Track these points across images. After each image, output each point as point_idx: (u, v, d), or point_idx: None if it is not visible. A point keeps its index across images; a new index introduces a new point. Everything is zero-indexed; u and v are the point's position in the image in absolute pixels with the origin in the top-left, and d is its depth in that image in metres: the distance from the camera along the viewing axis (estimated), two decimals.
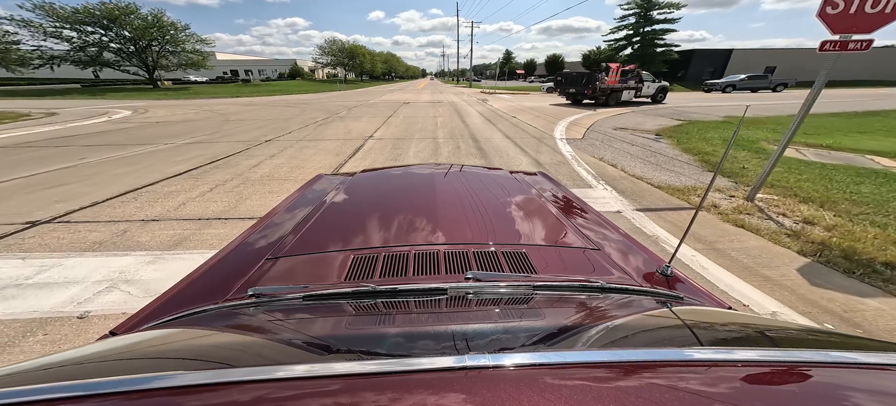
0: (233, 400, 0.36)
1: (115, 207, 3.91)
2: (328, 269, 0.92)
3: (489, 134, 9.09)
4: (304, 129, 9.72)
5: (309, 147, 7.22)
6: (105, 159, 6.13)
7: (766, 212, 3.86)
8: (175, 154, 6.56)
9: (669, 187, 4.65)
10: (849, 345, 0.52)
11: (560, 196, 1.58)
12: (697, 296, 0.86)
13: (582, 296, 0.75)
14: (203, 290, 0.87)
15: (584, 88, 16.92)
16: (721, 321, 0.66)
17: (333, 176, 1.83)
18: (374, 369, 0.40)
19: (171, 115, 13.39)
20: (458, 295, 0.73)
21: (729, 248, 3.09)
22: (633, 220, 3.66)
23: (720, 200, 4.19)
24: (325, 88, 36.59)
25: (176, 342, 0.60)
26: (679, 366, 0.41)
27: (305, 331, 0.63)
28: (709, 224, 3.58)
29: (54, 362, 0.50)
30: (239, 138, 8.21)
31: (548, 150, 7.07)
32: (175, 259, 2.93)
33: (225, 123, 10.90)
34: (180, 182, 4.85)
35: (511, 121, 11.68)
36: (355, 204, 1.43)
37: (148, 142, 7.81)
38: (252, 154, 6.54)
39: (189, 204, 4.03)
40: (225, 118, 12.23)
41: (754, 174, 5.08)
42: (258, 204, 4.06)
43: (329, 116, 12.63)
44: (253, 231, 1.19)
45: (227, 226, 3.52)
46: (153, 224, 3.51)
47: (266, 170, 5.48)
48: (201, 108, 16.27)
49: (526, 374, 0.39)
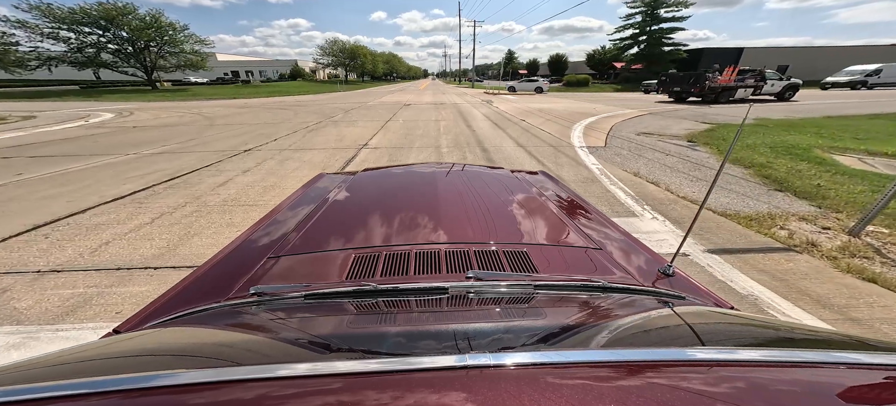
0: (235, 398, 0.36)
1: (11, 250, 2.94)
2: (330, 268, 0.93)
3: (499, 141, 8.08)
4: (293, 135, 8.74)
5: (292, 159, 6.24)
6: (44, 175, 5.17)
7: (888, 254, 2.83)
8: (132, 168, 5.60)
9: (738, 216, 3.62)
10: (852, 345, 0.52)
11: (561, 195, 1.59)
12: (699, 295, 0.87)
13: (583, 295, 0.76)
14: (206, 289, 0.87)
15: (691, 87, 17.47)
16: (723, 321, 0.66)
17: (335, 175, 1.86)
18: (375, 368, 0.40)
19: (154, 118, 12.46)
20: (460, 294, 0.73)
21: (873, 318, 2.07)
22: (711, 269, 2.65)
23: (814, 234, 3.16)
24: (324, 89, 35.81)
25: (178, 340, 0.61)
26: (681, 365, 0.41)
27: (307, 329, 0.64)
28: (818, 274, 2.56)
29: (57, 360, 0.50)
30: (216, 147, 7.25)
31: (568, 161, 6.04)
32: (55, 339, 1.97)
33: (208, 128, 9.96)
34: (118, 208, 3.88)
35: (520, 124, 10.68)
36: (357, 203, 1.43)
37: (110, 151, 6.85)
38: (222, 168, 5.55)
39: (114, 243, 3.06)
40: (210, 122, 11.29)
41: (838, 195, 4.04)
42: (207, 243, 3.08)
43: (322, 121, 11.63)
44: (255, 230, 1.19)
45: (153, 279, 2.54)
46: (50, 278, 2.54)
47: (232, 191, 4.49)
48: (190, 110, 15.34)
49: (527, 374, 0.39)
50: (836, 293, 2.35)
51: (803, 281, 2.50)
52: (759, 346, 0.51)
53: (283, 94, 27.63)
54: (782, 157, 5.87)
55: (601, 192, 4.47)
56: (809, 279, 2.50)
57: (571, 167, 5.66)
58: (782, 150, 6.34)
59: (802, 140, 7.29)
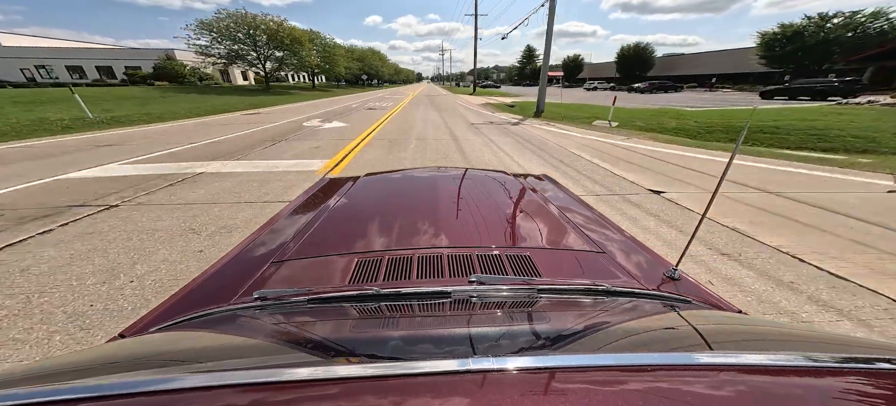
0: (239, 402, 0.37)
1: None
2: (333, 273, 0.93)
3: None
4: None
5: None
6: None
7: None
8: None
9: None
10: (866, 350, 0.49)
11: (564, 199, 1.59)
12: (706, 299, 0.85)
13: (587, 299, 0.75)
14: (210, 293, 0.88)
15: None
16: (730, 325, 0.66)
17: (338, 179, 1.85)
18: (378, 372, 0.40)
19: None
20: (462, 298, 0.73)
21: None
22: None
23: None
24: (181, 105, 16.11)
25: (184, 344, 0.62)
26: (687, 370, 0.41)
27: (310, 333, 0.64)
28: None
29: (62, 364, 0.51)
30: None
31: None
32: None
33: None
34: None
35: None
36: (359, 207, 1.43)
37: None
38: None
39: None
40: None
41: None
42: None
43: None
44: (259, 234, 1.21)
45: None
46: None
47: None
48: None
49: (531, 378, 0.39)
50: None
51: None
52: (768, 350, 0.50)
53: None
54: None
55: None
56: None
57: None
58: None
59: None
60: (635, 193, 4.27)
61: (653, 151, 6.75)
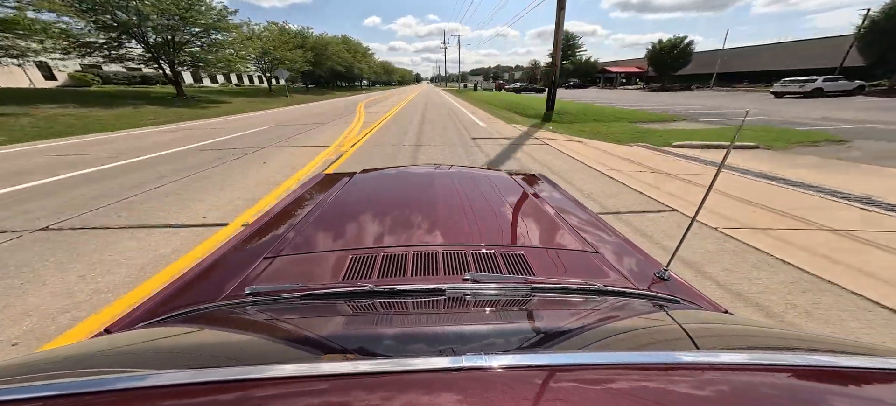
0: (227, 398, 0.36)
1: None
2: (326, 269, 0.92)
3: None
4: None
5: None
6: None
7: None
8: None
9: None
10: (848, 351, 0.50)
11: (559, 199, 1.59)
12: (695, 299, 0.86)
13: (579, 298, 0.76)
14: (201, 288, 0.87)
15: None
16: (717, 325, 0.66)
17: (334, 175, 1.85)
18: (369, 369, 0.40)
19: None
20: (456, 296, 0.72)
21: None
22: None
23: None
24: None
25: (171, 340, 0.60)
26: (674, 369, 0.42)
27: (303, 330, 0.63)
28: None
29: (46, 360, 0.50)
30: None
31: None
32: None
33: None
34: None
35: None
36: (354, 203, 1.43)
37: None
38: None
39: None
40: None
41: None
42: None
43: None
44: (252, 229, 1.19)
45: None
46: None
47: None
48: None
49: (522, 376, 0.40)
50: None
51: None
52: (752, 349, 0.51)
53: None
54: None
55: None
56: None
57: None
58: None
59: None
60: None
61: None
